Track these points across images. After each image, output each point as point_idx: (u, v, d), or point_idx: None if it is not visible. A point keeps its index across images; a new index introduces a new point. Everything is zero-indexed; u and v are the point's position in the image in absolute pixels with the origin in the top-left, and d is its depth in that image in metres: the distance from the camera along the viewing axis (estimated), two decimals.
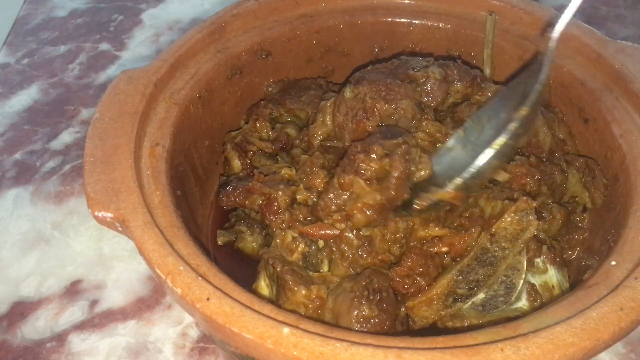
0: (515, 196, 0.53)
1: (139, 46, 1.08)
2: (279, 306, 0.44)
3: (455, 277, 0.51)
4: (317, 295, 0.49)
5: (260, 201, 0.57)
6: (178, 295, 0.42)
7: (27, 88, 0.99)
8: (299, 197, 0.56)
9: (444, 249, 0.53)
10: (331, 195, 0.52)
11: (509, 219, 0.50)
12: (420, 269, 0.52)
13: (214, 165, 0.68)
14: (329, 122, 0.62)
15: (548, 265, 0.53)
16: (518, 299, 0.51)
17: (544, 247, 0.53)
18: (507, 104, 0.55)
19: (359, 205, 0.51)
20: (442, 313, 0.52)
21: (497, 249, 0.50)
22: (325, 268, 0.53)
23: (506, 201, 0.52)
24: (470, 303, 0.51)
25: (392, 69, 0.63)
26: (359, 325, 0.47)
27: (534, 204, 0.50)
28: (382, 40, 0.74)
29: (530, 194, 0.55)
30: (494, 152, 0.51)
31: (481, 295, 0.51)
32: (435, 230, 0.53)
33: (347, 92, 0.60)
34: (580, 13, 0.50)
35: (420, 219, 0.53)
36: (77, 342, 0.65)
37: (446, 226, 0.54)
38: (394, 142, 0.52)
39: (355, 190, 0.51)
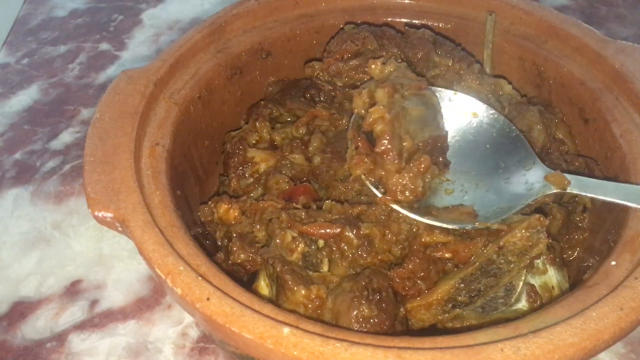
0: None
1: (139, 46, 1.08)
2: (278, 306, 0.44)
3: (457, 285, 0.51)
4: (316, 295, 0.49)
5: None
6: (178, 295, 0.42)
7: (27, 88, 0.99)
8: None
9: (448, 255, 0.53)
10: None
11: (519, 234, 0.50)
12: (422, 273, 0.52)
13: (214, 165, 0.68)
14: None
15: (548, 266, 0.53)
16: (518, 300, 0.51)
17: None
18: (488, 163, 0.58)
19: None
20: (440, 318, 0.52)
21: (503, 261, 0.50)
22: (325, 268, 0.53)
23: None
24: (470, 306, 0.51)
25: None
26: (358, 325, 0.47)
27: (547, 222, 0.50)
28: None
29: None
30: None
31: (481, 299, 0.51)
32: (440, 237, 0.53)
33: (347, 27, 0.67)
34: (580, 13, 0.51)
35: (425, 225, 0.54)
36: (77, 342, 0.65)
37: (451, 233, 0.54)
38: None
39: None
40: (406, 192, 0.53)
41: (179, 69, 0.63)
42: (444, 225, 0.53)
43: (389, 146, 0.52)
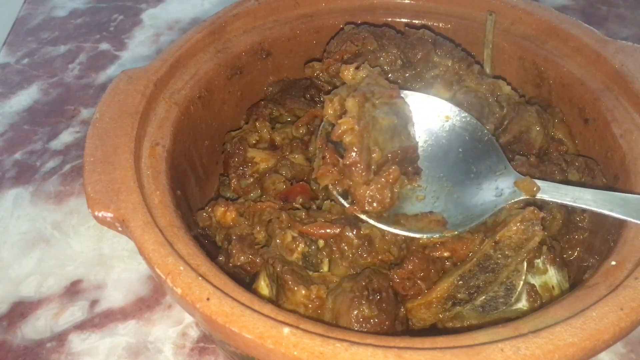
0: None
1: (139, 46, 1.08)
2: (278, 306, 0.44)
3: (456, 282, 0.51)
4: (316, 295, 0.49)
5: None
6: (178, 295, 0.42)
7: (27, 88, 0.99)
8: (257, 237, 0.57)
9: (446, 254, 0.53)
10: None
11: (514, 227, 0.50)
12: (422, 273, 0.52)
13: (214, 165, 0.68)
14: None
15: (548, 266, 0.53)
16: (518, 300, 0.51)
17: (544, 248, 0.53)
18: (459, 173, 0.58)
19: None
20: (441, 316, 0.52)
21: (500, 256, 0.50)
22: (325, 268, 0.53)
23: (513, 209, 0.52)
24: (470, 304, 0.51)
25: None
26: (358, 325, 0.47)
27: (541, 215, 0.50)
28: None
29: None
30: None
31: (481, 297, 0.51)
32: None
33: (346, 28, 0.67)
34: (580, 13, 0.51)
35: None
36: (77, 342, 0.65)
37: None
38: None
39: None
40: (374, 203, 0.53)
41: (179, 69, 0.63)
42: (411, 235, 0.53)
43: (357, 158, 0.52)
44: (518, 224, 0.50)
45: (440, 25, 0.72)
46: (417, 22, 0.73)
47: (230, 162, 0.64)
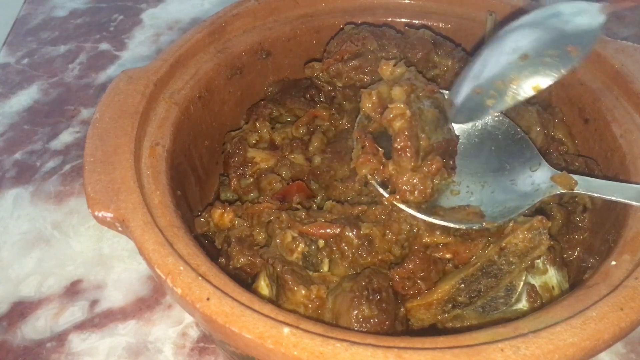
0: None
1: (139, 46, 1.08)
2: (278, 306, 0.44)
3: (457, 285, 0.51)
4: (316, 295, 0.49)
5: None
6: (178, 295, 0.42)
7: (27, 88, 0.99)
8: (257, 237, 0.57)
9: (448, 256, 0.53)
10: None
11: (521, 235, 0.50)
12: (422, 273, 0.52)
13: (214, 165, 0.68)
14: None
15: (548, 266, 0.53)
16: (518, 300, 0.51)
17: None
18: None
19: None
20: (440, 317, 0.52)
21: (504, 262, 0.50)
22: (325, 268, 0.53)
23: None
24: (469, 307, 0.51)
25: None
26: (358, 325, 0.47)
27: (549, 224, 0.50)
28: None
29: None
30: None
31: (481, 300, 0.51)
32: (440, 238, 0.53)
33: (346, 28, 0.67)
34: None
35: (426, 225, 0.54)
36: (77, 342, 0.65)
37: (452, 234, 0.54)
38: None
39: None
40: (415, 193, 0.53)
41: (179, 69, 0.63)
42: (452, 225, 0.52)
43: (408, 143, 0.52)
44: (525, 232, 0.50)
45: (440, 25, 0.72)
46: (417, 22, 0.73)
47: (230, 162, 0.64)
